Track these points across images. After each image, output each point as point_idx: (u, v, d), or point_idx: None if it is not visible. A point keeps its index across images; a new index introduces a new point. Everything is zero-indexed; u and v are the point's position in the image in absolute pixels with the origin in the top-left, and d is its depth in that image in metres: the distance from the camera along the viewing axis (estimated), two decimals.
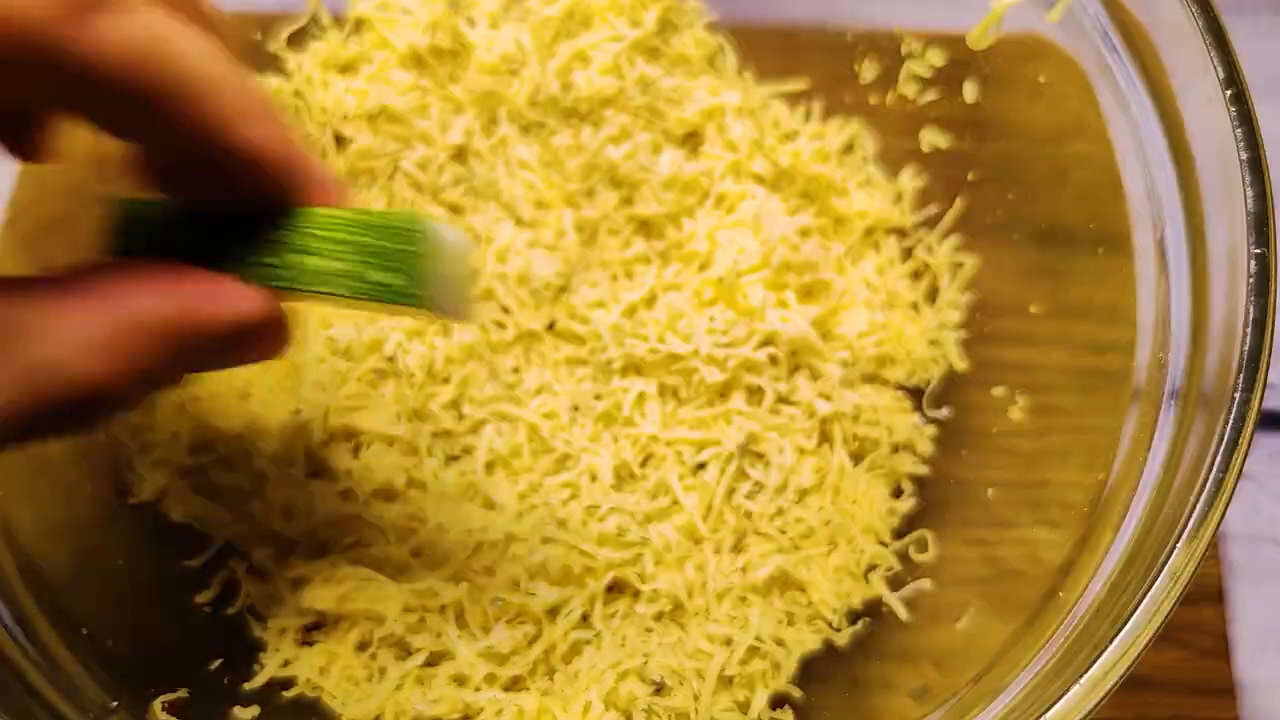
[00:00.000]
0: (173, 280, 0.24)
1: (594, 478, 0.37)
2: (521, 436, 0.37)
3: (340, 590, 0.34)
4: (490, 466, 0.37)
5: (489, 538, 0.35)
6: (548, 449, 0.37)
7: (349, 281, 0.25)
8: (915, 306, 0.41)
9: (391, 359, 0.37)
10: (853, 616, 0.36)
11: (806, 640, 0.35)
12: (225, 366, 0.27)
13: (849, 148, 0.43)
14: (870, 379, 0.39)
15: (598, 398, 0.38)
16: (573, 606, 0.34)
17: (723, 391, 0.38)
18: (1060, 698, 0.26)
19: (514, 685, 0.34)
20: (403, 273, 0.25)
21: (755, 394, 0.38)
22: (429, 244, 0.25)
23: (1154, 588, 0.27)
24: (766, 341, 0.38)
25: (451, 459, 0.37)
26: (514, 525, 0.35)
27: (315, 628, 0.35)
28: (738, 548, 0.36)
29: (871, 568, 0.37)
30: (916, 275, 0.41)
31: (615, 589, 0.36)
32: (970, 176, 0.41)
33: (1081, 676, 0.26)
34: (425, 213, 0.28)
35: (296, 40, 0.41)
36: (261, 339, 0.26)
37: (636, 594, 0.35)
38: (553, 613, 0.34)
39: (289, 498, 0.36)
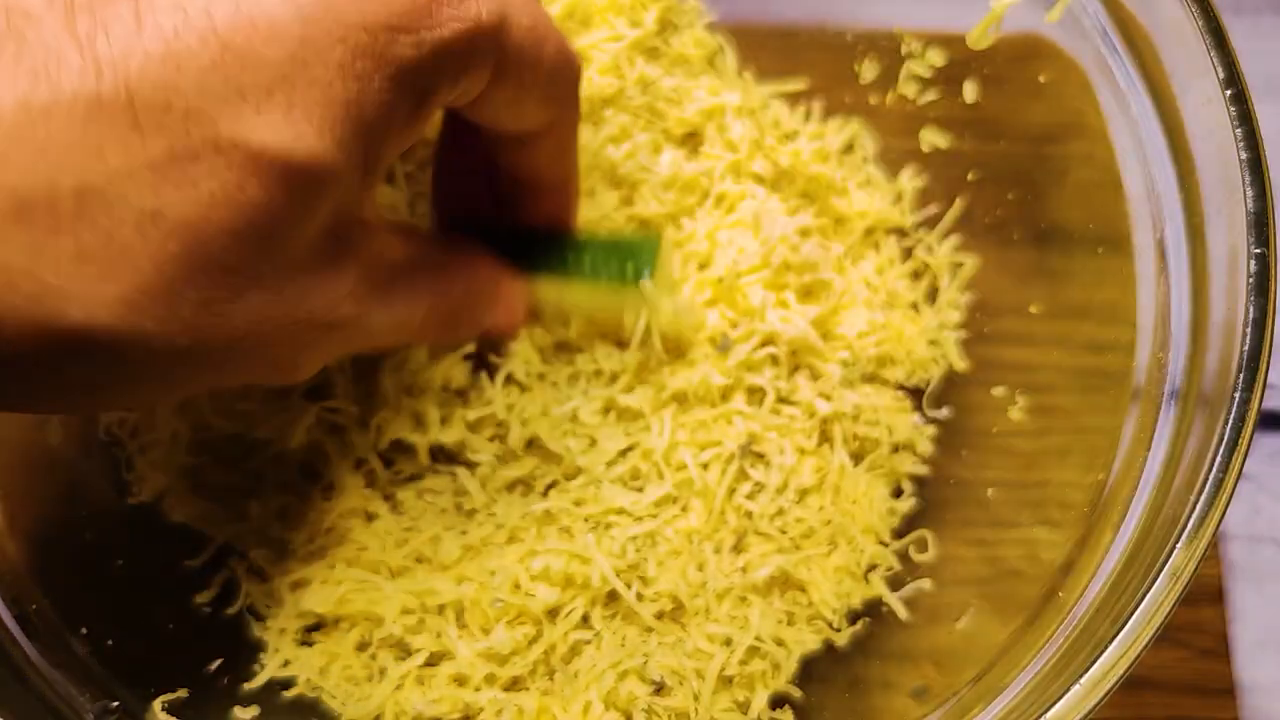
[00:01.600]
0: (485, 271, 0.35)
1: (597, 485, 0.37)
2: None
3: (338, 592, 0.34)
4: (491, 469, 0.37)
5: (489, 541, 0.35)
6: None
7: (604, 268, 0.35)
8: (915, 306, 0.41)
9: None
10: (853, 616, 0.36)
11: (806, 640, 0.35)
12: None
13: (849, 148, 0.43)
14: (870, 379, 0.39)
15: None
16: (573, 606, 0.34)
17: (723, 392, 0.37)
18: (1060, 698, 0.26)
19: (514, 685, 0.34)
20: (637, 259, 0.35)
21: (755, 394, 0.38)
22: (660, 245, 0.36)
23: (1154, 588, 0.27)
24: (766, 341, 0.38)
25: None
26: (515, 526, 0.35)
27: (315, 628, 0.35)
28: (738, 548, 0.36)
29: (871, 568, 0.37)
30: (916, 275, 0.41)
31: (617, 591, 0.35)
32: (970, 176, 0.41)
33: (1081, 676, 0.26)
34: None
35: None
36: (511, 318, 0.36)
37: (638, 595, 0.35)
38: (552, 613, 0.34)
39: (284, 502, 0.35)
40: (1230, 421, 0.28)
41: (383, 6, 0.25)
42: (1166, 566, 0.27)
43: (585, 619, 0.35)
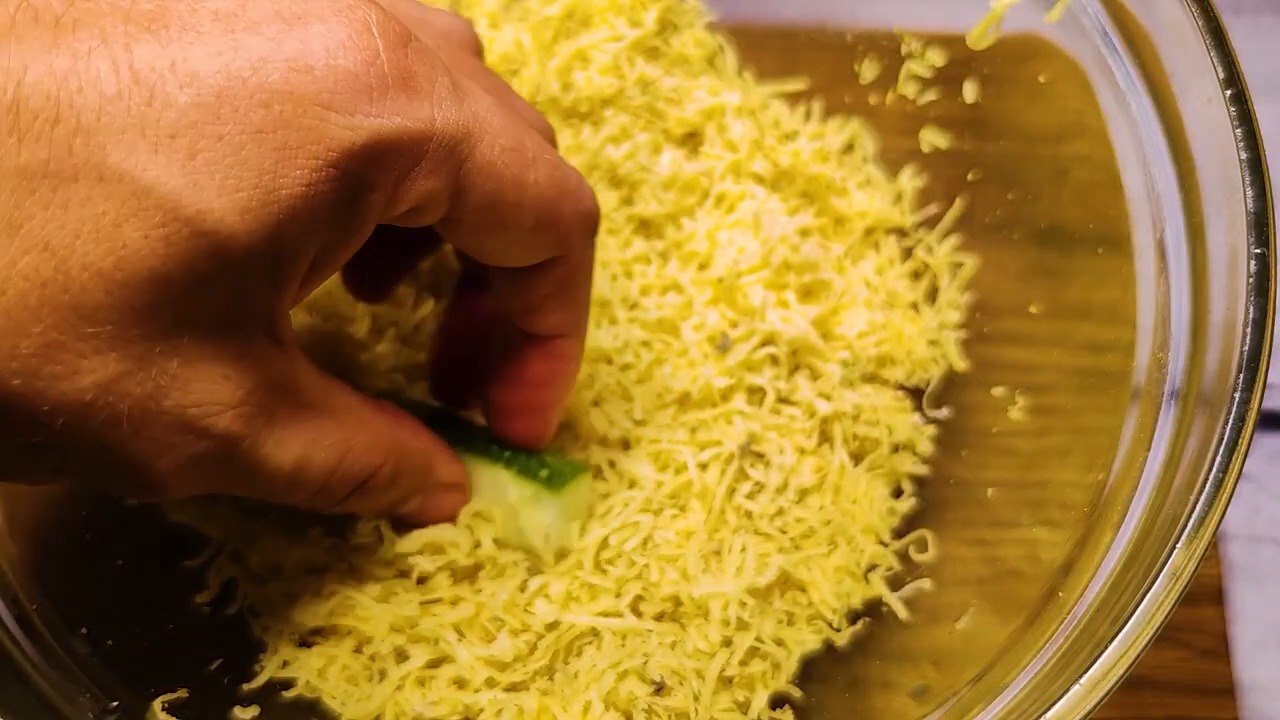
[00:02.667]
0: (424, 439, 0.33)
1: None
2: None
3: (328, 605, 0.34)
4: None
5: (488, 558, 0.35)
6: None
7: (519, 464, 0.34)
8: (915, 306, 0.41)
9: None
10: (853, 616, 0.36)
11: (806, 640, 0.35)
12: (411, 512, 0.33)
13: (849, 148, 0.43)
14: (870, 379, 0.39)
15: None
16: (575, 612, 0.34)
17: (724, 392, 0.38)
18: (1060, 698, 0.26)
19: (514, 686, 0.34)
20: (554, 474, 0.34)
21: (756, 394, 0.38)
22: (580, 475, 0.35)
23: (1154, 588, 0.27)
24: (766, 341, 0.38)
25: None
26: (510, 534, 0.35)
27: (314, 631, 0.35)
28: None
29: (871, 568, 0.37)
30: (916, 275, 0.41)
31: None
32: (970, 176, 0.41)
33: (1081, 676, 0.26)
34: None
35: None
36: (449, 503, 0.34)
37: (638, 596, 0.35)
38: (552, 626, 0.34)
39: (282, 510, 0.35)
40: (1230, 421, 0.28)
41: (313, 81, 0.23)
42: (1166, 566, 0.27)
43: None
